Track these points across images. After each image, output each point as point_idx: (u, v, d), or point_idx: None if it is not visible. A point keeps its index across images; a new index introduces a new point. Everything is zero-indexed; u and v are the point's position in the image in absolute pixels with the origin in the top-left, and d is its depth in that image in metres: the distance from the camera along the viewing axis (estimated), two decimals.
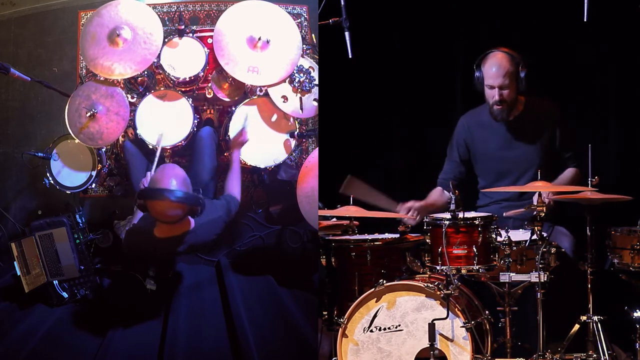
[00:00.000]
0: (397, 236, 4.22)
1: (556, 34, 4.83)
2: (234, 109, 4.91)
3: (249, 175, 5.22)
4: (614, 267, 4.09)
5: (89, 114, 4.70)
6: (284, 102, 4.82)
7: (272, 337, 4.29)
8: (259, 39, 4.77)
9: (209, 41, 4.88)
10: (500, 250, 4.00)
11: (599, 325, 3.99)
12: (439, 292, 3.89)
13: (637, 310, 3.97)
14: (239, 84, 4.92)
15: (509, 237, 4.00)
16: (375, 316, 3.99)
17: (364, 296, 4.00)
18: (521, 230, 4.26)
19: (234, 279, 4.79)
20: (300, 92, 4.83)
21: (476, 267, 3.96)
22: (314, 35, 5.14)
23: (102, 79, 4.80)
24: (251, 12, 4.86)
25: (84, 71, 5.26)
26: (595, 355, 3.98)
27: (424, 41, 5.02)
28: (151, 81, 4.99)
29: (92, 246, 4.90)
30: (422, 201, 4.54)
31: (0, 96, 5.34)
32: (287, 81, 4.83)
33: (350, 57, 4.29)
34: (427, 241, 4.07)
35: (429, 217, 4.10)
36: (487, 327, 4.02)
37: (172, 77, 4.87)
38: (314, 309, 4.28)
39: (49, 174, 4.88)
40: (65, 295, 4.70)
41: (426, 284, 3.94)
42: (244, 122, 4.81)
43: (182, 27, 4.91)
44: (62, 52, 5.39)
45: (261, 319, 4.41)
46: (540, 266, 3.92)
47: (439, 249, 3.97)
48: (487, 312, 4.10)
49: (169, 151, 4.89)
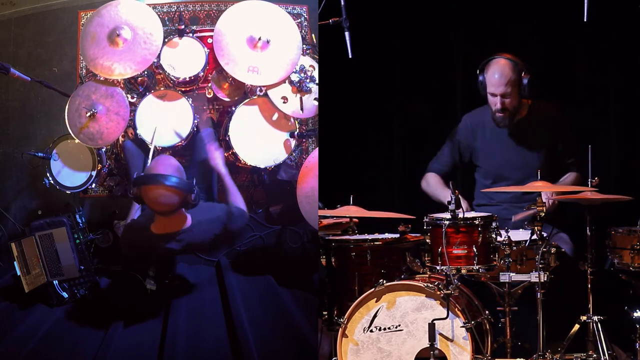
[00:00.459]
0: (397, 236, 4.22)
1: (556, 34, 4.83)
2: (234, 109, 4.91)
3: (249, 175, 5.22)
4: (614, 267, 4.09)
5: (89, 114, 4.70)
6: (284, 102, 4.82)
7: (272, 337, 4.28)
8: (259, 39, 4.77)
9: (209, 41, 4.88)
10: (500, 250, 4.00)
11: (599, 325, 3.99)
12: (439, 292, 3.89)
13: (637, 310, 3.97)
14: (239, 84, 4.92)
15: (509, 237, 4.00)
16: (375, 316, 3.99)
17: (364, 296, 4.00)
18: (521, 230, 4.26)
19: (234, 279, 4.79)
20: (300, 92, 4.83)
21: (476, 267, 3.96)
22: (314, 35, 5.14)
23: (102, 79, 4.80)
24: (251, 12, 4.86)
25: (84, 71, 5.25)
26: (595, 355, 3.98)
27: (424, 41, 5.02)
28: (151, 81, 4.99)
29: (92, 246, 4.90)
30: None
31: (0, 96, 5.34)
32: (287, 81, 4.83)
33: (350, 57, 4.29)
34: (427, 241, 4.07)
35: (428, 217, 4.10)
36: (487, 327, 4.02)
37: (172, 77, 4.87)
38: (314, 309, 4.28)
39: (49, 174, 4.88)
40: (65, 295, 4.70)
41: (426, 284, 3.94)
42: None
43: (182, 27, 4.91)
44: (62, 52, 5.39)
45: (261, 319, 4.41)
46: (540, 266, 3.92)
47: (439, 249, 3.97)
48: (487, 312, 4.10)
49: (169, 151, 4.89)
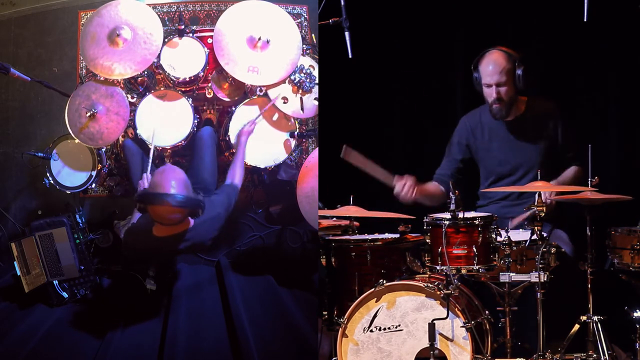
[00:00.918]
0: (397, 236, 4.22)
1: (556, 34, 4.83)
2: (234, 109, 4.91)
3: (249, 175, 5.22)
4: (614, 267, 4.09)
5: (89, 114, 4.70)
6: (284, 103, 4.82)
7: (272, 337, 4.28)
8: (259, 39, 4.77)
9: (209, 41, 4.88)
10: (500, 250, 4.00)
11: (599, 325, 3.99)
12: (439, 292, 3.89)
13: (637, 310, 3.97)
14: (239, 84, 4.92)
15: (509, 237, 4.00)
16: (375, 316, 3.99)
17: (364, 296, 4.00)
18: (521, 230, 4.26)
19: (234, 278, 4.79)
20: (300, 92, 4.83)
21: (476, 267, 3.96)
22: (314, 35, 5.14)
23: (102, 79, 4.80)
24: (251, 12, 4.86)
25: (84, 71, 5.26)
26: (595, 355, 3.98)
27: (424, 41, 5.02)
28: (151, 81, 4.99)
29: (92, 246, 4.90)
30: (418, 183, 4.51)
31: (0, 96, 5.34)
32: (287, 81, 4.83)
33: (350, 57, 4.29)
34: (427, 241, 4.07)
35: (429, 217, 4.10)
36: (487, 327, 4.02)
37: (172, 77, 4.87)
38: (314, 309, 4.28)
39: (49, 174, 4.88)
40: (65, 295, 4.70)
41: (426, 284, 3.94)
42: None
43: (182, 27, 4.91)
44: (62, 52, 5.39)
45: (261, 319, 4.41)
46: (540, 266, 3.92)
47: (439, 249, 3.97)
48: (487, 312, 4.10)
49: (169, 151, 4.89)
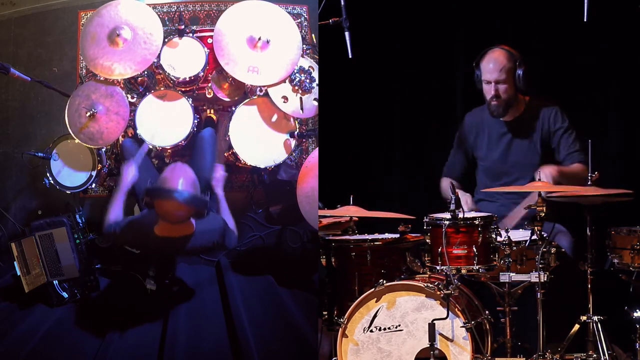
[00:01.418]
0: (397, 236, 4.22)
1: (556, 34, 4.83)
2: (234, 109, 4.91)
3: (249, 175, 5.22)
4: (614, 267, 4.09)
5: (88, 114, 4.70)
6: (285, 102, 4.82)
7: (272, 337, 4.29)
8: (259, 39, 4.77)
9: (209, 41, 4.88)
10: (500, 250, 4.00)
11: (599, 325, 3.99)
12: (439, 292, 3.89)
13: (637, 310, 3.97)
14: (239, 84, 4.92)
15: (509, 237, 4.00)
16: (375, 316, 3.99)
17: (364, 296, 4.00)
18: (521, 230, 4.26)
19: (234, 279, 4.79)
20: (300, 92, 4.83)
21: (476, 267, 3.96)
22: (314, 35, 5.14)
23: (102, 79, 4.80)
24: (251, 12, 4.86)
25: (84, 71, 5.25)
26: (595, 355, 3.98)
27: (424, 41, 5.02)
28: (151, 81, 4.99)
29: (92, 246, 4.90)
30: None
31: (0, 96, 5.34)
32: (287, 81, 4.83)
33: (350, 57, 4.29)
34: (427, 241, 4.07)
35: (428, 217, 4.10)
36: (487, 327, 4.02)
37: (172, 77, 4.87)
38: (314, 309, 4.28)
39: (49, 174, 4.88)
40: (65, 295, 4.70)
41: (426, 284, 3.94)
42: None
43: (182, 27, 4.91)
44: (62, 52, 5.38)
45: (261, 319, 4.41)
46: (540, 266, 3.92)
47: (439, 249, 3.97)
48: (487, 312, 4.10)
49: (169, 151, 4.89)
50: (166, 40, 4.87)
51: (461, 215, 3.96)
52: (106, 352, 4.19)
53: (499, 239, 4.01)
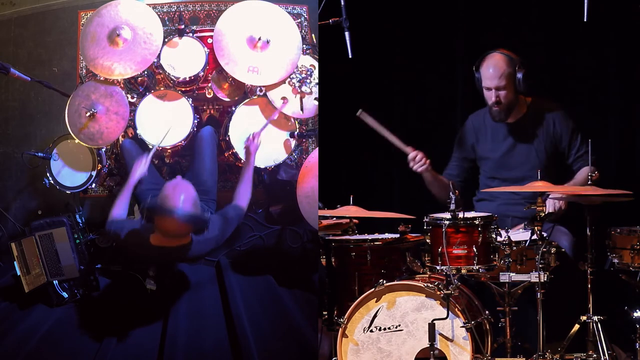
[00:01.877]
0: (397, 236, 4.22)
1: (556, 34, 4.83)
2: (234, 109, 4.91)
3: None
4: (614, 267, 4.09)
5: (88, 114, 4.70)
6: (284, 102, 4.82)
7: (272, 337, 4.28)
8: (259, 39, 4.77)
9: (209, 41, 4.87)
10: (500, 250, 4.00)
11: (599, 325, 3.99)
12: (439, 292, 3.89)
13: (637, 310, 3.97)
14: (239, 84, 4.92)
15: (509, 237, 4.00)
16: (375, 316, 3.99)
17: (364, 296, 4.00)
18: (521, 230, 4.26)
19: (234, 278, 4.79)
20: (300, 92, 4.83)
21: (476, 267, 3.97)
22: (314, 35, 5.14)
23: (102, 79, 4.80)
24: (251, 12, 4.85)
25: (84, 71, 5.25)
26: (595, 355, 3.98)
27: (425, 40, 5.02)
28: (151, 81, 4.99)
29: (92, 246, 4.90)
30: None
31: (0, 96, 5.34)
32: (287, 81, 4.83)
33: (350, 57, 4.29)
34: (427, 241, 4.08)
35: (429, 217, 4.10)
36: (487, 327, 4.02)
37: (172, 77, 4.87)
38: (314, 309, 4.28)
39: (49, 174, 4.88)
40: (65, 295, 4.69)
41: (426, 284, 3.94)
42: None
43: (182, 27, 4.91)
44: (62, 52, 5.38)
45: (261, 319, 4.41)
46: (540, 266, 3.92)
47: (439, 249, 3.97)
48: (487, 312, 4.10)
49: (169, 151, 4.89)
50: (166, 40, 4.87)
51: (461, 215, 3.96)
52: (106, 352, 4.19)
53: (499, 239, 4.01)
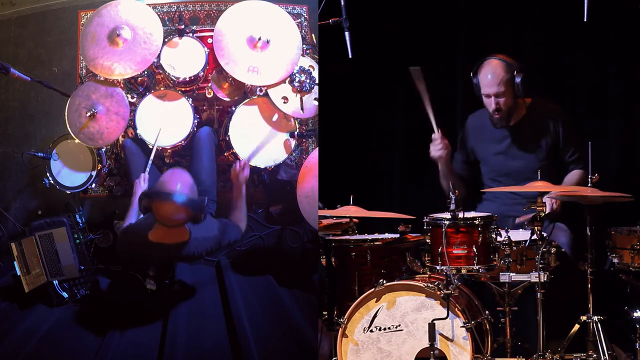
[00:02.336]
0: (397, 236, 4.22)
1: (556, 34, 4.83)
2: (234, 109, 4.91)
3: (249, 175, 5.21)
4: (614, 267, 4.09)
5: (89, 114, 4.70)
6: (285, 102, 4.82)
7: (272, 337, 4.28)
8: (259, 39, 4.77)
9: (209, 41, 4.88)
10: (500, 250, 4.00)
11: (599, 325, 3.99)
12: (439, 292, 3.89)
13: (637, 310, 3.97)
14: (239, 84, 4.92)
15: (509, 237, 4.00)
16: (375, 316, 3.99)
17: (364, 296, 4.00)
18: (521, 230, 4.26)
19: (234, 278, 4.79)
20: (300, 92, 4.83)
21: (476, 267, 3.97)
22: (314, 35, 5.14)
23: (102, 79, 4.80)
24: (251, 12, 4.86)
25: (84, 71, 5.25)
26: (595, 355, 3.98)
27: (425, 40, 5.02)
28: (151, 81, 4.99)
29: (92, 246, 4.90)
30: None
31: (0, 96, 5.34)
32: (287, 81, 4.83)
33: (350, 57, 4.29)
34: (427, 241, 4.08)
35: (429, 217, 4.10)
36: (487, 327, 4.02)
37: (172, 77, 4.87)
38: (314, 309, 4.28)
39: (49, 174, 4.88)
40: (65, 295, 4.69)
41: (426, 284, 3.94)
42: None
43: (182, 27, 4.91)
44: (62, 52, 5.38)
45: (261, 318, 4.40)
46: (540, 266, 3.92)
47: (439, 249, 3.97)
48: (487, 312, 4.10)
49: (169, 151, 4.89)
50: (166, 40, 4.87)
51: (461, 215, 3.96)
52: (106, 352, 4.19)
53: (499, 239, 4.01)
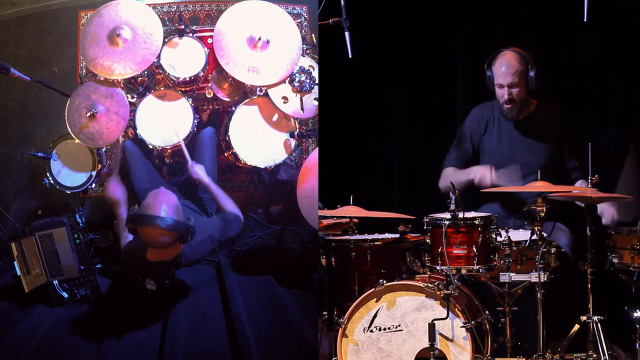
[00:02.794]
0: (397, 236, 4.22)
1: (556, 34, 4.83)
2: (234, 109, 4.91)
3: (249, 175, 5.22)
4: (614, 267, 4.09)
5: (89, 114, 4.70)
6: (285, 102, 4.82)
7: (272, 337, 4.28)
8: (259, 39, 4.77)
9: (209, 41, 4.88)
10: (500, 250, 4.00)
11: (599, 325, 3.99)
12: (439, 292, 3.89)
13: (637, 310, 3.97)
14: (239, 84, 4.92)
15: (509, 237, 4.00)
16: (375, 316, 3.99)
17: (364, 296, 4.01)
18: (521, 230, 4.26)
19: (234, 278, 4.79)
20: (300, 92, 4.83)
21: (476, 267, 3.97)
22: (314, 35, 5.14)
23: (102, 79, 4.80)
24: (251, 12, 4.86)
25: (84, 71, 5.26)
26: (595, 355, 3.98)
27: (425, 40, 5.02)
28: (151, 81, 4.99)
29: (92, 246, 4.90)
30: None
31: (0, 96, 5.34)
32: (287, 81, 4.83)
33: (350, 57, 4.29)
34: (427, 241, 4.08)
35: (429, 217, 4.10)
36: (487, 327, 4.02)
37: (172, 77, 4.87)
38: (314, 309, 4.28)
39: (49, 174, 4.88)
40: (65, 295, 4.69)
41: (426, 284, 3.94)
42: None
43: (182, 27, 4.91)
44: (62, 52, 5.39)
45: (261, 318, 4.40)
46: (540, 266, 3.92)
47: (439, 249, 3.97)
48: (487, 312, 4.11)
49: (169, 151, 4.89)
50: (166, 40, 4.87)
51: (461, 215, 3.96)
52: (106, 352, 4.19)
53: (499, 239, 4.01)
